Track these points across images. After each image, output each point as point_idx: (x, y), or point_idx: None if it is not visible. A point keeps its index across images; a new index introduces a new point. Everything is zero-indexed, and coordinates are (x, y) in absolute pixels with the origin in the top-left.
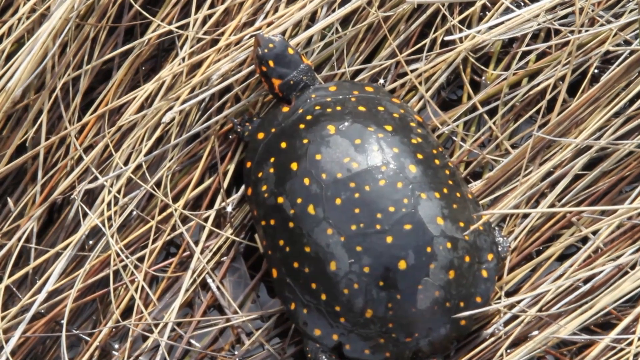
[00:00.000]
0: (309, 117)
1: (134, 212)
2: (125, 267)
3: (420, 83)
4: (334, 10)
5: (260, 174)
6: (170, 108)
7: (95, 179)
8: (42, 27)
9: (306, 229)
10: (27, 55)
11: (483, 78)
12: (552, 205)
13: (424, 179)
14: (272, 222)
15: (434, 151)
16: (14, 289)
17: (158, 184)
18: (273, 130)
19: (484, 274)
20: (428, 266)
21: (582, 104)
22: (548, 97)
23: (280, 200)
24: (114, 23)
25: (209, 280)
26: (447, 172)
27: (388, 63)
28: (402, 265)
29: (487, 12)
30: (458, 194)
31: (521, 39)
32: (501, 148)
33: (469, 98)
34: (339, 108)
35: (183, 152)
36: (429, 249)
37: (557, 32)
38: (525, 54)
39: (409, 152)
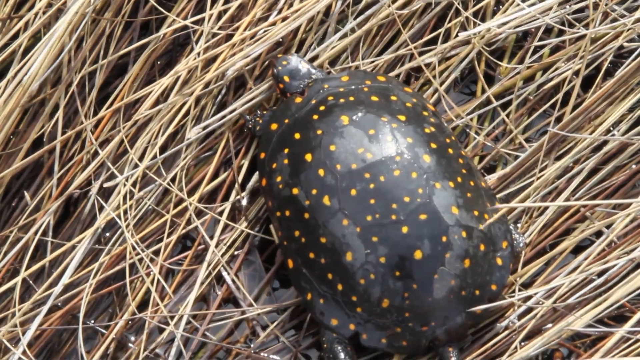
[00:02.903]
0: (322, 108)
1: (150, 206)
2: (141, 260)
3: (434, 77)
4: (348, 6)
5: (274, 165)
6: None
7: (113, 175)
8: (58, 22)
9: (322, 220)
10: (44, 50)
11: (497, 72)
12: (566, 200)
13: (438, 168)
14: (287, 213)
15: (447, 140)
16: (31, 282)
17: (173, 178)
18: (286, 121)
19: (499, 261)
20: (444, 255)
21: (596, 99)
22: (562, 91)
23: (295, 191)
24: (130, 18)
25: (224, 273)
26: (461, 160)
27: (402, 52)
28: (418, 255)
29: (500, 6)
30: (472, 183)
31: (535, 33)
32: (515, 142)
33: (483, 91)
34: (352, 98)
35: (198, 147)
36: (444, 239)
37: (571, 24)
38: (539, 47)
39: (422, 141)
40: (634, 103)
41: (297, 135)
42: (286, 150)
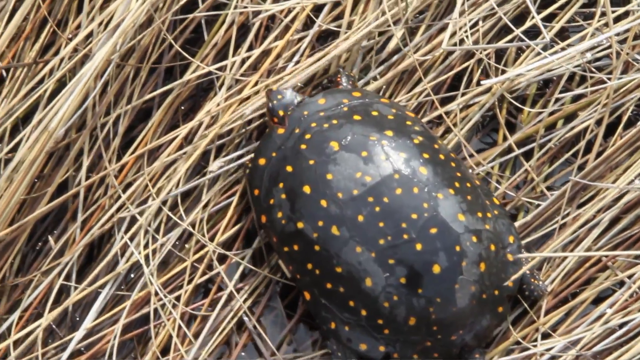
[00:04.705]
0: (308, 137)
1: (171, 251)
2: (163, 305)
3: (455, 124)
4: (369, 52)
5: (271, 201)
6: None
7: (135, 219)
8: (84, 68)
9: (334, 250)
10: (70, 96)
11: (518, 119)
12: (587, 249)
13: (436, 178)
14: (296, 247)
15: (436, 146)
16: (54, 326)
17: (194, 223)
18: (274, 154)
19: (510, 257)
20: (460, 264)
21: (618, 148)
22: (585, 140)
23: (300, 225)
24: (155, 64)
25: (246, 319)
26: (453, 164)
27: (423, 99)
28: (436, 269)
29: (521, 54)
30: (468, 184)
31: (557, 81)
32: (536, 190)
33: (505, 139)
34: (335, 122)
35: (220, 191)
36: (457, 248)
37: (592, 72)
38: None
39: (415, 154)
40: None
41: (290, 168)
42: (281, 185)
